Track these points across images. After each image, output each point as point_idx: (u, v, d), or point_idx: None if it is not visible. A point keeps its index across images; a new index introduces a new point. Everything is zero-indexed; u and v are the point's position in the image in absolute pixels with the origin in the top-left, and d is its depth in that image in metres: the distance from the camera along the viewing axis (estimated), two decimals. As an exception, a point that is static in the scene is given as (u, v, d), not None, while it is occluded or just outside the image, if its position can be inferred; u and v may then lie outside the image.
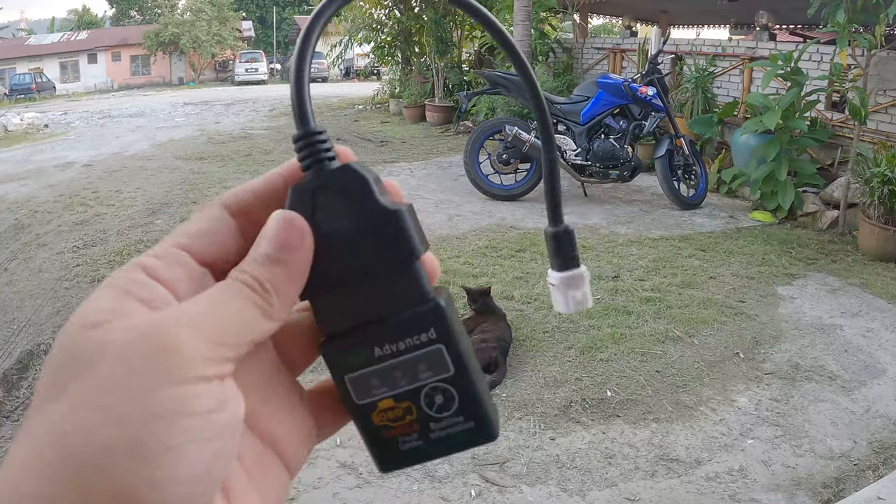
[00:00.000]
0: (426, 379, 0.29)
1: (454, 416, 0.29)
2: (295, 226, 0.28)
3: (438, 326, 0.28)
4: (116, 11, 42.14)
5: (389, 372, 0.28)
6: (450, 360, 0.28)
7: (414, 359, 0.28)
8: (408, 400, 0.29)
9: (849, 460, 2.57)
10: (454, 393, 0.29)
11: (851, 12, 5.00)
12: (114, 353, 0.23)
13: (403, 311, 0.28)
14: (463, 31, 12.53)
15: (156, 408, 0.22)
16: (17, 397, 3.27)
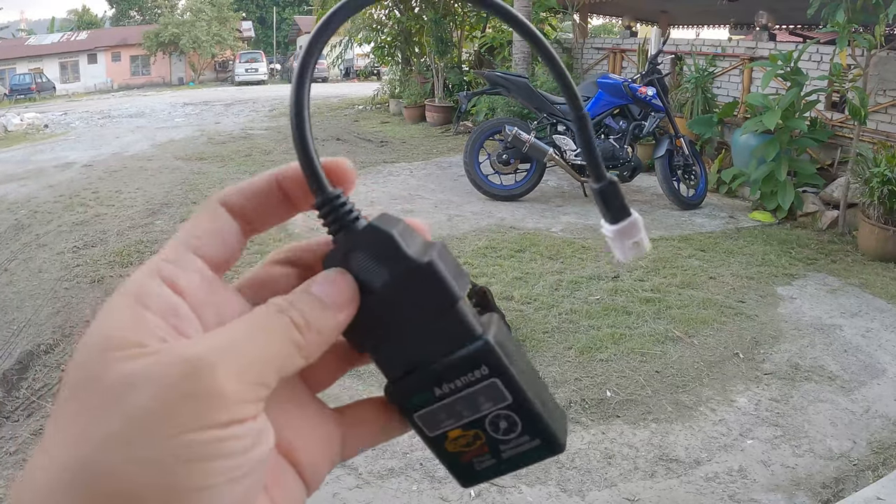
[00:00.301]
0: (488, 409, 0.30)
1: (520, 436, 0.30)
2: (347, 282, 0.28)
3: (489, 362, 0.29)
4: (116, 12, 42.15)
5: (452, 407, 0.30)
6: (506, 391, 0.29)
7: (473, 393, 0.29)
8: (475, 428, 0.30)
9: (848, 460, 2.57)
10: (516, 419, 0.30)
11: (851, 12, 5.00)
12: (148, 388, 0.22)
13: (454, 353, 0.29)
14: (463, 32, 12.54)
15: (192, 451, 0.22)
16: (16, 398, 3.27)
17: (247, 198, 0.29)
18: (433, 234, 0.32)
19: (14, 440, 2.88)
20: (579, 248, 4.90)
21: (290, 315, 0.26)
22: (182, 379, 0.23)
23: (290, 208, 0.30)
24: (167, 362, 0.23)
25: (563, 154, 6.10)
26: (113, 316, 0.24)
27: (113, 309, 0.25)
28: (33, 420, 3.02)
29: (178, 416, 0.22)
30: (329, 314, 0.27)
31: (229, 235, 0.28)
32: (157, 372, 0.23)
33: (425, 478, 2.44)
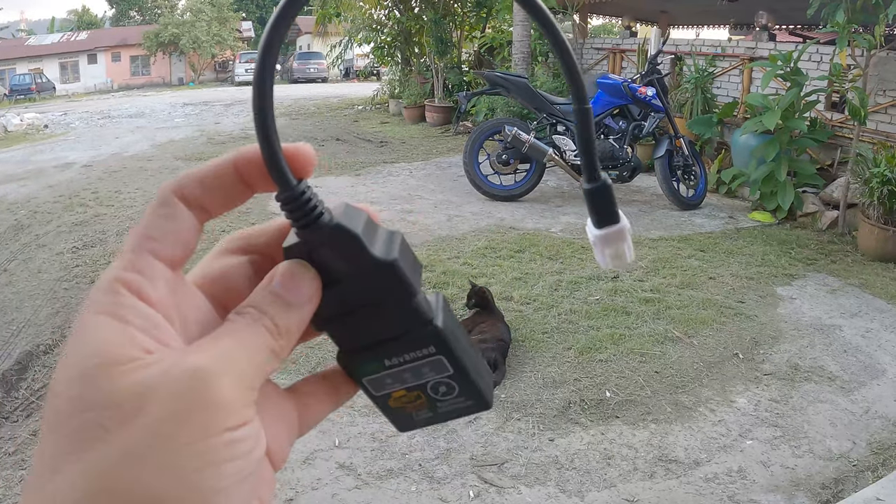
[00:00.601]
0: (431, 378, 0.33)
1: (456, 398, 0.34)
2: (310, 278, 0.29)
3: (437, 343, 0.31)
4: (116, 12, 42.14)
5: (399, 374, 0.32)
6: (449, 365, 0.32)
7: (419, 365, 0.32)
8: (417, 390, 0.33)
9: (848, 461, 2.57)
10: (455, 385, 0.33)
11: (851, 12, 5.00)
12: (160, 400, 0.23)
13: (407, 335, 0.31)
14: (462, 32, 12.54)
15: (207, 456, 0.24)
16: (16, 398, 3.27)
17: (205, 188, 0.29)
18: (433, 235, 0.32)
19: (13, 440, 2.87)
20: (579, 248, 4.89)
21: (264, 323, 0.28)
22: (191, 389, 0.24)
23: (247, 191, 0.30)
24: (174, 374, 0.24)
25: (562, 154, 6.10)
26: (98, 334, 0.25)
27: (94, 327, 0.25)
28: (32, 420, 3.02)
29: (192, 424, 0.23)
30: (294, 313, 0.28)
31: (187, 232, 0.28)
32: (166, 384, 0.24)
33: (424, 478, 2.44)
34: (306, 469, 2.47)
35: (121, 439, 0.23)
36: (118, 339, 0.24)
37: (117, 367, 0.24)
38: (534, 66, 9.88)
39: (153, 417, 0.23)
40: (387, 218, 5.72)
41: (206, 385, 0.24)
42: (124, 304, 0.25)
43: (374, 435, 2.68)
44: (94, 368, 0.24)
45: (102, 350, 0.24)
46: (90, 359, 0.24)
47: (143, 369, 0.24)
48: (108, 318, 0.25)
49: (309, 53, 31.26)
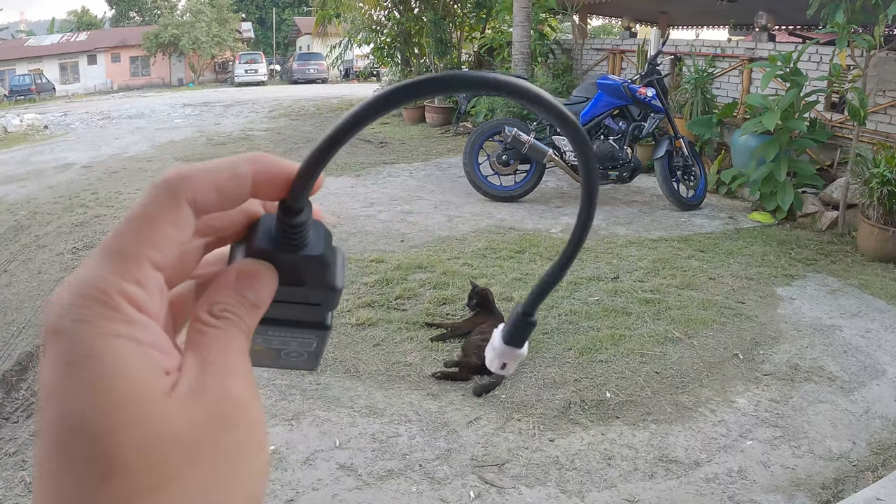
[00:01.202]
0: (293, 349, 0.35)
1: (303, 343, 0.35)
2: (274, 281, 0.29)
3: (320, 339, 0.34)
4: (116, 12, 42.13)
5: (269, 339, 0.33)
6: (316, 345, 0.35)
7: (290, 340, 0.34)
8: (273, 351, 0.35)
9: (848, 461, 2.57)
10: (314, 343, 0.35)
11: (850, 13, 5.00)
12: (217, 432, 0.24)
13: (303, 325, 0.33)
14: (462, 33, 12.54)
15: (263, 469, 0.26)
16: (16, 399, 3.27)
17: (222, 197, 0.27)
18: (433, 235, 0.33)
19: (14, 441, 2.87)
20: (579, 248, 4.89)
21: (241, 329, 0.27)
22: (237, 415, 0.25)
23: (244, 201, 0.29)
24: (222, 403, 0.25)
25: (562, 155, 6.10)
26: (121, 361, 0.23)
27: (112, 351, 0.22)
28: (32, 421, 3.02)
29: (250, 445, 0.25)
30: (257, 314, 0.29)
31: (190, 255, 0.28)
32: (218, 411, 0.24)
33: (424, 479, 2.44)
34: (307, 470, 2.47)
35: (194, 475, 0.23)
36: (144, 366, 0.23)
37: (157, 399, 0.23)
38: (534, 66, 9.89)
39: (219, 447, 0.24)
40: (386, 219, 5.72)
41: (246, 407, 0.26)
42: (132, 320, 0.23)
43: (375, 436, 2.68)
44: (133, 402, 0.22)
45: (133, 381, 0.22)
46: (121, 390, 0.22)
47: (187, 400, 0.23)
48: (123, 341, 0.23)
49: (309, 54, 31.26)
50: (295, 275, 0.31)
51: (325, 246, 0.31)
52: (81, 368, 0.22)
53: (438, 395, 2.97)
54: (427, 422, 2.76)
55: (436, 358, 3.26)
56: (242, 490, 0.25)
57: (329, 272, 0.31)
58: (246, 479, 0.25)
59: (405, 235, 5.23)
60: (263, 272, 0.29)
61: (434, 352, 3.35)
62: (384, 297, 3.98)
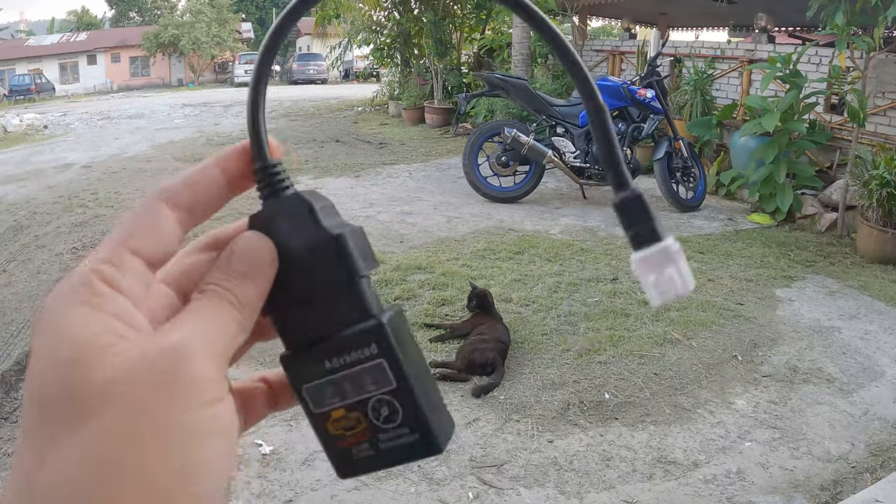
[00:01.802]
0: (371, 392, 0.30)
1: (400, 426, 0.31)
2: (266, 247, 0.30)
3: (380, 342, 0.30)
4: (116, 13, 42.14)
5: (340, 384, 0.31)
6: (392, 375, 0.30)
7: (360, 372, 0.30)
8: (357, 411, 0.31)
9: (846, 463, 2.57)
10: (397, 406, 0.30)
11: (850, 15, 5.01)
12: (140, 383, 0.24)
13: (348, 328, 0.31)
14: (462, 34, 12.55)
15: (190, 431, 0.25)
16: (15, 398, 3.27)
17: (191, 190, 0.30)
18: (432, 236, 0.33)
19: (12, 441, 2.87)
20: (578, 250, 4.90)
21: (227, 298, 0.28)
22: (170, 367, 0.25)
23: (229, 193, 0.32)
24: (152, 355, 0.25)
25: (562, 156, 6.11)
26: (73, 322, 0.25)
27: (68, 316, 0.25)
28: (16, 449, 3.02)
29: (174, 400, 0.24)
30: (250, 285, 0.29)
31: (167, 234, 0.29)
32: (146, 364, 0.25)
33: (423, 480, 2.44)
34: (306, 470, 2.47)
35: (105, 421, 0.24)
36: (94, 327, 0.25)
37: (96, 353, 0.24)
38: (533, 67, 9.90)
39: (136, 396, 0.24)
40: (386, 219, 5.72)
41: (184, 361, 0.25)
42: (98, 293, 0.26)
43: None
44: (73, 356, 0.24)
45: (79, 338, 0.25)
46: (67, 348, 0.25)
47: (122, 353, 0.25)
48: (83, 307, 0.25)
49: (309, 55, 31.28)
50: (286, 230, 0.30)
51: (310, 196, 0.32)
52: (46, 334, 0.25)
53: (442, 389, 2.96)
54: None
55: (435, 359, 3.26)
56: (164, 450, 0.24)
57: (311, 210, 0.31)
58: (176, 442, 0.24)
59: (404, 236, 5.23)
60: (250, 238, 0.30)
61: (433, 353, 3.35)
62: (383, 297, 3.97)
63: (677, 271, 0.26)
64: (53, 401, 0.24)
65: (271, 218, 0.31)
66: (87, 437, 0.23)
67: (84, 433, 0.23)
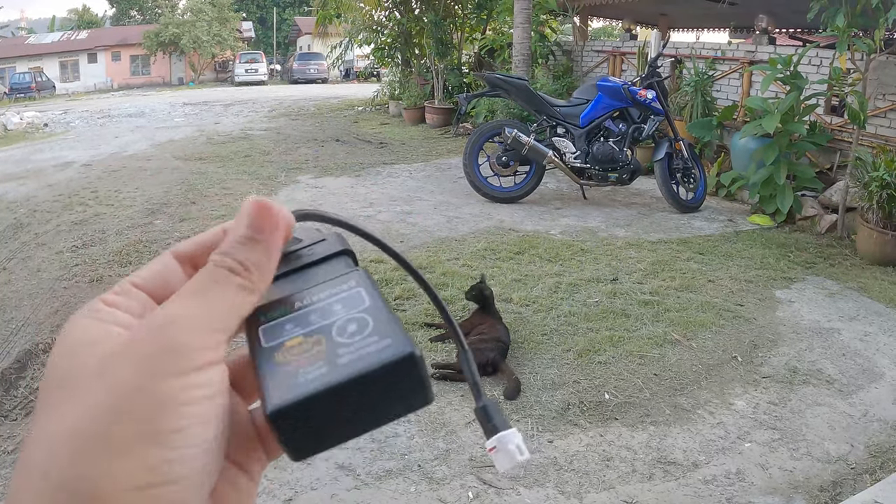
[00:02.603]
0: (340, 314, 0.29)
1: (368, 337, 0.28)
2: (270, 207, 0.31)
3: (359, 279, 0.31)
4: (116, 11, 42.11)
5: (305, 316, 0.30)
6: (367, 296, 0.30)
7: (331, 302, 0.30)
8: (319, 334, 0.28)
9: (846, 464, 2.57)
10: (368, 320, 0.29)
11: (851, 16, 5.01)
12: (124, 356, 0.26)
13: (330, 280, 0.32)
14: (463, 34, 12.55)
15: (169, 396, 0.25)
16: (14, 396, 3.27)
17: (197, 245, 0.33)
18: (432, 236, 0.33)
19: (12, 439, 2.87)
20: (578, 250, 4.90)
21: (225, 264, 0.29)
22: (150, 337, 0.26)
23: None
24: (136, 332, 0.27)
25: (562, 156, 6.11)
26: (79, 332, 0.28)
27: (77, 326, 0.28)
28: (31, 419, 3.02)
29: (149, 367, 0.26)
30: (258, 247, 0.30)
31: (172, 276, 0.32)
32: (129, 340, 0.27)
33: (423, 479, 2.44)
34: (305, 469, 2.47)
35: (87, 394, 0.26)
36: (92, 332, 0.28)
37: (90, 345, 0.27)
38: (534, 68, 9.89)
39: (115, 371, 0.26)
40: (386, 219, 5.72)
41: (163, 330, 0.27)
42: (99, 309, 0.29)
43: (374, 436, 2.68)
44: (72, 351, 0.27)
45: (80, 339, 0.28)
46: (68, 347, 0.28)
47: (112, 340, 0.27)
48: (85, 320, 0.29)
49: (309, 54, 31.27)
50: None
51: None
52: (57, 346, 0.28)
53: (437, 395, 2.97)
54: (426, 422, 2.77)
55: (435, 359, 3.26)
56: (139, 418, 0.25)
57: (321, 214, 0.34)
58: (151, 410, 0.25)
59: (405, 236, 5.23)
60: (256, 201, 0.31)
61: (433, 352, 3.35)
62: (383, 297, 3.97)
63: (518, 447, 0.35)
64: (53, 389, 0.27)
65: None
66: (71, 412, 0.25)
67: (68, 410, 0.26)
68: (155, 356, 0.26)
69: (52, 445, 0.25)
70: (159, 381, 0.25)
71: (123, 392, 0.25)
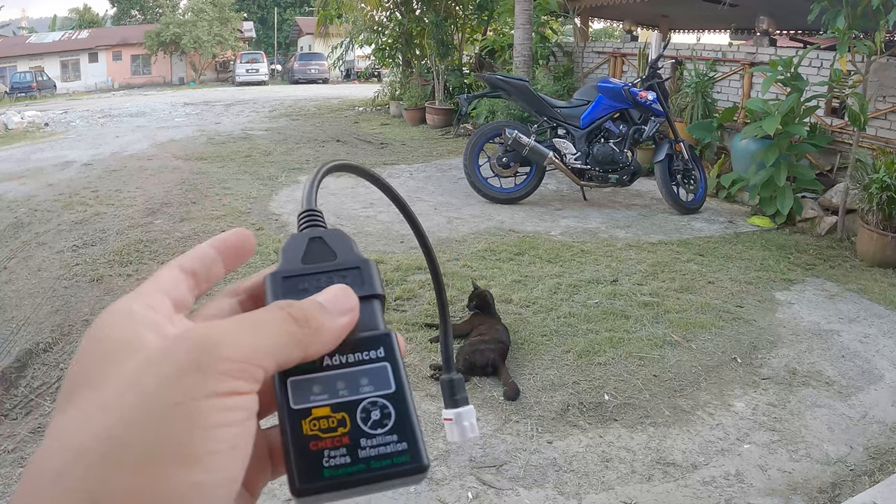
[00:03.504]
0: (367, 392, 0.30)
1: (388, 434, 0.30)
2: (350, 295, 0.32)
3: (387, 348, 0.31)
4: (118, 11, 42.13)
5: (333, 381, 0.30)
6: (392, 378, 0.31)
7: (359, 372, 0.31)
8: (344, 411, 0.30)
9: (845, 465, 2.57)
10: (391, 410, 0.30)
11: (851, 18, 5.02)
12: (160, 363, 0.26)
13: (358, 332, 0.32)
14: (464, 34, 12.56)
15: (200, 417, 0.25)
16: (15, 395, 3.28)
17: (197, 259, 0.34)
18: (433, 237, 0.34)
19: (12, 438, 2.88)
20: (578, 251, 4.90)
21: (288, 311, 0.30)
22: (187, 355, 0.26)
23: (223, 269, 0.35)
24: (174, 344, 0.27)
25: (562, 157, 6.11)
26: (111, 330, 0.28)
27: (108, 326, 0.28)
28: (32, 418, 3.02)
29: (183, 385, 0.25)
30: (328, 316, 0.31)
31: (184, 288, 0.33)
32: (169, 351, 0.26)
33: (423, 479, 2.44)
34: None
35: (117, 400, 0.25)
36: (128, 334, 0.28)
37: (126, 347, 0.27)
38: (535, 69, 9.90)
39: (148, 382, 0.25)
40: (386, 220, 5.73)
41: (204, 349, 0.26)
42: (135, 311, 0.29)
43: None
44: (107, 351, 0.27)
45: (116, 338, 0.28)
46: (103, 347, 0.28)
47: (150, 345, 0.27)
48: (120, 319, 0.28)
49: (310, 54, 31.29)
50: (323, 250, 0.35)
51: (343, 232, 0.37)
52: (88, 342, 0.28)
53: (437, 396, 2.97)
54: (425, 422, 2.77)
55: (435, 359, 3.27)
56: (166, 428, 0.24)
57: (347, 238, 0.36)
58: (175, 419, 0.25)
59: (405, 236, 5.24)
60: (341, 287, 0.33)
61: (433, 353, 3.35)
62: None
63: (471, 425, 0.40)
64: (82, 386, 0.26)
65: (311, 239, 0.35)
66: (99, 417, 0.25)
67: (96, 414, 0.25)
68: (195, 375, 0.25)
69: (72, 447, 0.24)
70: (198, 401, 0.25)
71: (159, 406, 0.25)
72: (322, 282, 0.33)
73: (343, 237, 0.35)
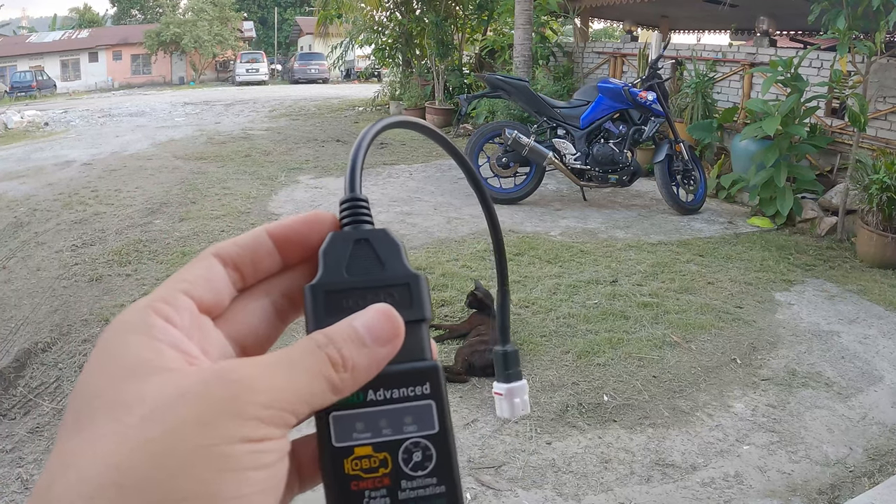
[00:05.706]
0: (410, 433, 0.29)
1: (427, 476, 0.29)
2: (394, 322, 0.29)
3: (433, 384, 0.29)
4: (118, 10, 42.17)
5: (376, 418, 0.29)
6: (436, 419, 0.29)
7: (403, 409, 0.29)
8: (386, 451, 0.29)
9: (844, 467, 2.57)
10: (433, 453, 0.29)
11: (852, 19, 5.02)
12: (190, 402, 0.24)
13: (404, 363, 0.29)
14: (464, 34, 12.56)
15: (230, 462, 0.24)
16: (13, 395, 3.27)
17: (239, 247, 0.31)
18: (432, 237, 0.33)
19: (11, 438, 2.87)
20: (578, 251, 4.90)
21: (327, 351, 0.27)
22: (223, 397, 0.25)
23: (279, 262, 0.32)
24: (209, 381, 0.25)
25: (562, 158, 6.11)
26: (129, 347, 0.26)
27: (124, 343, 0.27)
28: (30, 418, 3.02)
29: (217, 428, 0.24)
30: (366, 351, 0.28)
31: (218, 281, 0.30)
32: (199, 388, 0.25)
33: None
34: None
35: (141, 432, 0.24)
36: (148, 353, 0.26)
37: (149, 372, 0.25)
38: (535, 69, 9.90)
39: (180, 417, 0.24)
40: (386, 220, 5.72)
41: (239, 395, 0.25)
42: (153, 325, 0.27)
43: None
44: (127, 373, 0.25)
45: (136, 358, 0.26)
46: (122, 366, 0.26)
47: (176, 375, 0.25)
48: (139, 335, 0.27)
49: (310, 54, 31.30)
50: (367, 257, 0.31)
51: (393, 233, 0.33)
52: (102, 356, 0.27)
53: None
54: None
55: (443, 360, 3.26)
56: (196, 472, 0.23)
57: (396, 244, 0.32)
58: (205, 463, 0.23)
59: (404, 237, 5.23)
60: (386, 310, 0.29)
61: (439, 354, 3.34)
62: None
63: (523, 401, 0.40)
64: (96, 410, 0.25)
65: (356, 241, 0.31)
66: (114, 445, 0.23)
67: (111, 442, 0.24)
68: (230, 420, 0.24)
69: (90, 480, 0.23)
70: (232, 445, 0.24)
71: (188, 446, 0.23)
72: (368, 299, 0.30)
73: (391, 242, 0.31)
